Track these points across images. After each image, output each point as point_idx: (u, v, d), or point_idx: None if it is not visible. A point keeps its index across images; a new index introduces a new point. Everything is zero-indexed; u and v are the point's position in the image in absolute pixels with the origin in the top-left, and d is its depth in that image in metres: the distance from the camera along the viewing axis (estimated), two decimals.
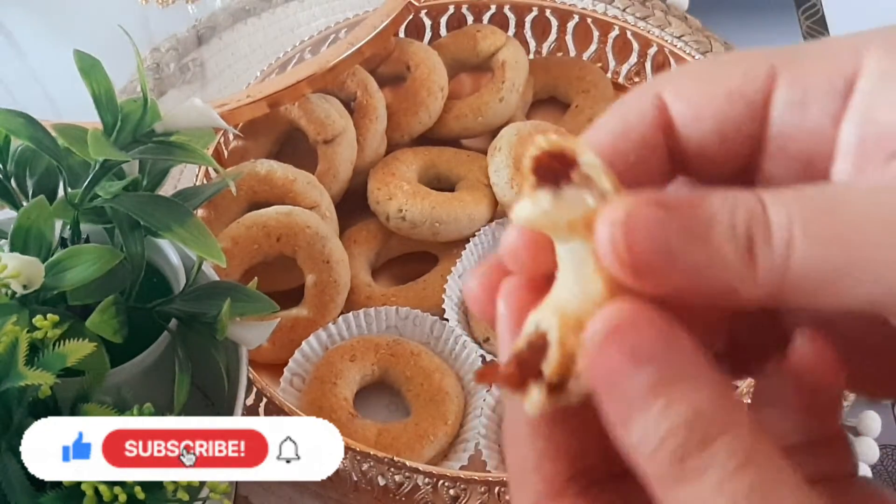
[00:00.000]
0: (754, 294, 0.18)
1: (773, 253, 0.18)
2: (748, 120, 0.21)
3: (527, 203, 0.20)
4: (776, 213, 0.18)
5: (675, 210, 0.19)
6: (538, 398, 0.19)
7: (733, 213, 0.18)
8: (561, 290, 0.20)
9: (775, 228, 0.18)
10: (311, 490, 0.52)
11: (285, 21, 0.80)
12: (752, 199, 0.19)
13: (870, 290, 0.18)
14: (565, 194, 0.19)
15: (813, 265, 0.18)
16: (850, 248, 0.18)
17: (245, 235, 0.58)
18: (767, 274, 0.18)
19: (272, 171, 0.61)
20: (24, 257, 0.36)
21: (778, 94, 0.21)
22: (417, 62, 0.69)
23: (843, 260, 0.18)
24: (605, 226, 0.18)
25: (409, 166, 0.65)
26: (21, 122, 0.39)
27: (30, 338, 0.33)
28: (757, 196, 0.19)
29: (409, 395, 0.56)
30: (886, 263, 0.17)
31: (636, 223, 0.18)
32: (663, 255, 0.18)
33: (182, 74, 0.76)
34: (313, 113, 0.64)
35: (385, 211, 0.63)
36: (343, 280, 0.59)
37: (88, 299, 0.39)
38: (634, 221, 0.18)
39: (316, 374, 0.55)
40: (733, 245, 0.18)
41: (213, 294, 0.42)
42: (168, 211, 0.39)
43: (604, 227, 0.19)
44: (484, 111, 0.68)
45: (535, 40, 0.76)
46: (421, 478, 0.50)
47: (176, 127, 0.39)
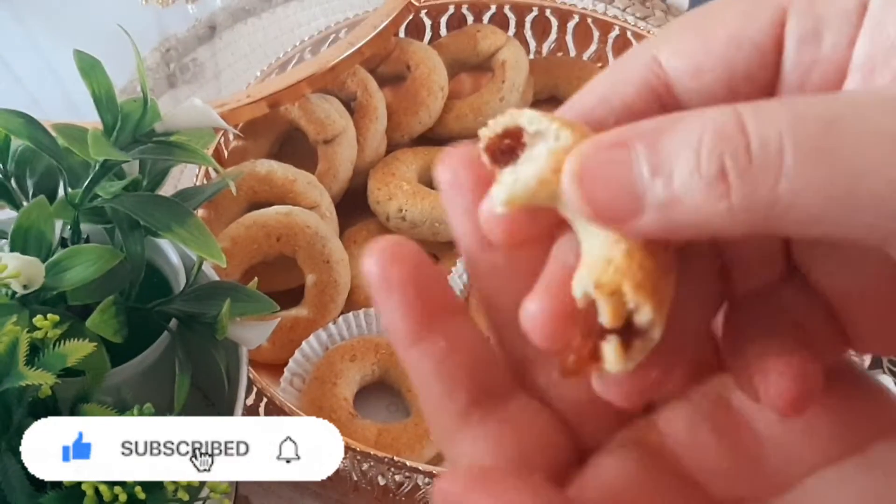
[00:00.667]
0: (736, 230, 0.17)
1: (755, 179, 0.16)
2: (758, 63, 0.19)
3: (495, 188, 0.19)
4: (759, 128, 0.16)
5: (636, 145, 0.17)
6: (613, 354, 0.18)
7: (700, 135, 0.16)
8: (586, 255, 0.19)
9: (757, 147, 0.16)
10: (311, 490, 0.52)
11: (285, 21, 0.80)
12: (725, 114, 0.16)
13: (875, 217, 0.16)
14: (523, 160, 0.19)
15: (809, 191, 0.16)
16: (854, 169, 0.15)
17: (245, 235, 0.58)
18: (748, 200, 0.16)
19: (272, 171, 0.61)
20: (25, 257, 0.36)
21: (790, 29, 0.19)
22: (417, 62, 0.69)
23: (846, 183, 0.15)
24: (564, 178, 0.18)
25: (409, 166, 0.65)
26: (21, 122, 0.39)
27: (30, 338, 0.33)
28: (735, 113, 0.16)
29: (409, 395, 0.56)
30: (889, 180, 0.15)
31: (590, 170, 0.17)
32: (626, 199, 0.17)
33: (182, 74, 0.76)
34: (313, 113, 0.64)
35: (385, 211, 0.63)
36: (343, 280, 0.59)
37: (88, 299, 0.39)
38: (588, 169, 0.17)
39: (316, 374, 0.55)
40: (696, 177, 0.16)
41: (213, 294, 0.42)
42: (168, 211, 0.39)
43: (564, 179, 0.18)
44: (484, 111, 0.68)
45: (535, 40, 0.76)
46: (421, 478, 0.50)
47: (176, 127, 0.39)
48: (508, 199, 0.19)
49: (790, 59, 0.19)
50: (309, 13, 0.80)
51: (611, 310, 0.18)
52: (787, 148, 0.16)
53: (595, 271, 0.18)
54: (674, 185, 0.17)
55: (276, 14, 0.80)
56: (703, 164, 0.16)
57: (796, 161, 0.16)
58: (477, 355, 0.21)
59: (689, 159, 0.16)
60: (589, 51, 0.75)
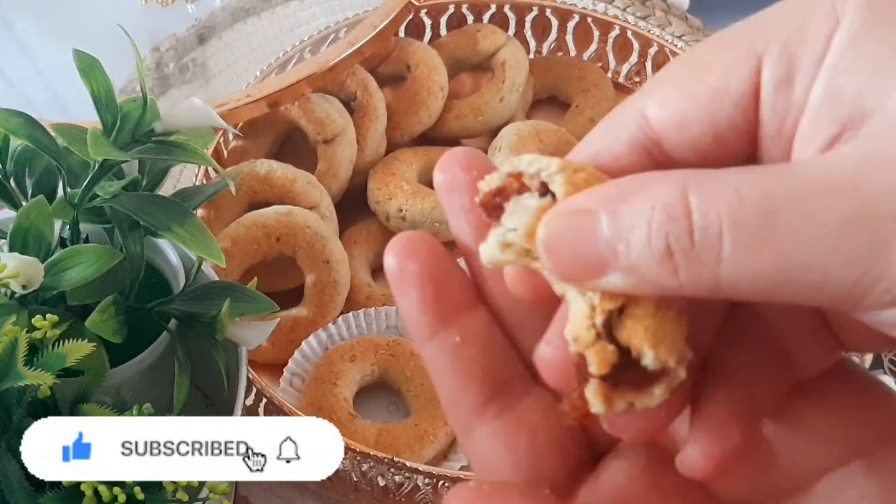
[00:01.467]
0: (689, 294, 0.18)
1: (699, 258, 0.17)
2: (740, 114, 0.19)
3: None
4: (701, 210, 0.17)
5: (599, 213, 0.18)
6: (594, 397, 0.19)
7: (651, 210, 0.17)
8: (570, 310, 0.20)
9: (698, 231, 0.17)
10: (311, 490, 0.52)
11: (285, 21, 0.80)
12: (674, 191, 0.17)
13: (816, 300, 0.17)
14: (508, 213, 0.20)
15: (748, 277, 0.17)
16: (790, 262, 0.16)
17: (245, 235, 0.58)
18: (693, 279, 0.17)
19: (272, 171, 0.61)
20: (24, 257, 0.36)
21: (765, 76, 0.19)
22: (417, 62, 0.69)
23: (783, 274, 0.16)
24: (537, 245, 0.19)
25: (409, 166, 0.65)
26: (20, 122, 0.39)
27: (29, 338, 0.33)
28: (682, 190, 0.17)
29: (409, 395, 0.56)
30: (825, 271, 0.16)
31: (557, 237, 0.19)
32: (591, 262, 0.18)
33: (182, 74, 0.76)
34: (313, 113, 0.64)
35: (385, 211, 0.63)
36: (343, 280, 0.59)
37: (88, 299, 0.39)
38: (555, 236, 0.19)
39: (316, 375, 0.55)
40: (648, 252, 0.17)
41: (212, 294, 0.42)
42: (168, 211, 0.39)
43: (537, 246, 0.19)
44: (484, 111, 0.68)
45: (535, 40, 0.76)
46: (421, 478, 0.49)
47: (175, 127, 0.39)
48: (491, 261, 0.20)
49: (767, 106, 0.19)
50: (309, 13, 0.80)
51: (596, 359, 0.19)
52: (725, 235, 0.17)
53: (574, 326, 0.19)
54: (631, 254, 0.18)
55: (275, 14, 0.80)
56: (652, 241, 0.17)
57: (734, 249, 0.16)
58: (493, 349, 0.22)
59: (642, 233, 0.17)
60: (589, 50, 0.75)
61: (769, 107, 0.19)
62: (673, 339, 0.19)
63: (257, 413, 0.52)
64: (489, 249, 0.20)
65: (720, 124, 0.20)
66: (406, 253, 0.21)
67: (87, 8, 0.79)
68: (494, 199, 0.20)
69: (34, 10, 0.80)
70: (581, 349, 0.19)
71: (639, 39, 0.73)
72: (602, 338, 0.19)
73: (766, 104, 0.19)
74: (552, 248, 0.19)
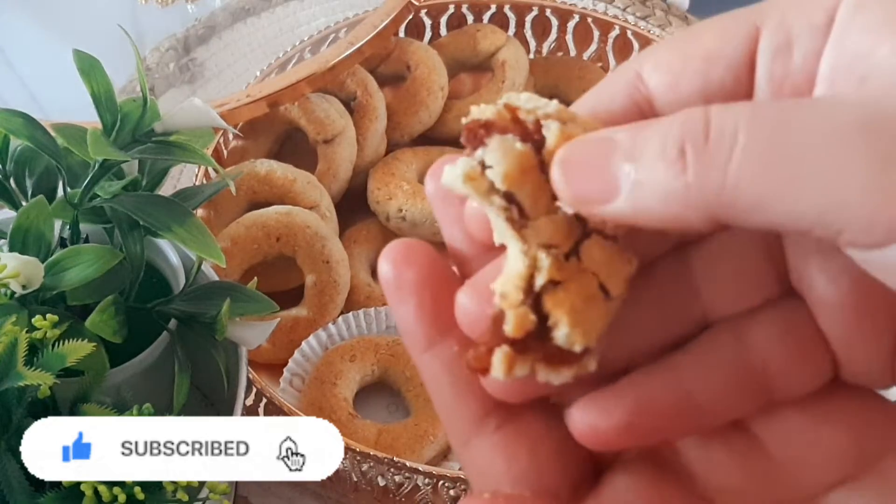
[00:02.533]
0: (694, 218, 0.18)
1: (709, 158, 0.17)
2: (732, 77, 0.20)
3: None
4: (721, 119, 0.17)
5: (618, 136, 0.19)
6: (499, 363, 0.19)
7: (671, 127, 0.18)
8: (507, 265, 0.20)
9: (715, 134, 0.17)
10: (311, 490, 0.52)
11: (285, 21, 0.80)
12: (696, 111, 0.18)
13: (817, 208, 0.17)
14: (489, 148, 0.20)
15: (755, 175, 0.17)
16: (795, 160, 0.16)
17: (245, 235, 0.58)
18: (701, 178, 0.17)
19: (272, 171, 0.61)
20: (24, 257, 0.36)
21: (763, 44, 0.20)
22: (417, 62, 0.69)
23: (790, 173, 0.16)
24: (553, 166, 0.19)
25: (409, 166, 0.65)
26: (20, 122, 0.39)
27: (29, 338, 0.33)
28: (705, 108, 0.18)
29: (409, 395, 0.56)
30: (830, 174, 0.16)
31: (574, 156, 0.19)
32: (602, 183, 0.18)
33: (182, 74, 0.76)
34: (313, 113, 0.64)
35: (385, 211, 0.63)
36: (343, 280, 0.59)
37: (88, 299, 0.39)
38: (573, 155, 0.19)
39: (316, 375, 0.55)
40: (661, 157, 0.18)
41: (212, 294, 0.42)
42: (168, 211, 0.39)
43: (552, 167, 0.19)
44: None
45: (535, 40, 0.76)
46: (421, 478, 0.49)
47: (175, 127, 0.39)
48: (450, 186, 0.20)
49: (763, 72, 0.20)
50: (309, 13, 0.80)
51: (514, 321, 0.19)
52: (740, 135, 0.17)
53: (504, 281, 0.19)
54: (642, 168, 0.18)
55: (275, 14, 0.80)
56: (667, 148, 0.18)
57: (746, 147, 0.17)
58: None
59: (656, 146, 0.18)
60: (589, 50, 0.75)
61: (765, 73, 0.20)
62: (594, 326, 0.19)
63: (257, 413, 0.52)
64: (453, 175, 0.20)
65: (712, 85, 0.20)
66: (402, 260, 0.21)
67: (88, 8, 0.79)
68: (479, 130, 0.20)
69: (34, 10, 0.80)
70: (504, 307, 0.19)
71: (639, 39, 0.73)
72: (526, 303, 0.19)
73: (762, 70, 0.20)
74: (568, 168, 0.19)
